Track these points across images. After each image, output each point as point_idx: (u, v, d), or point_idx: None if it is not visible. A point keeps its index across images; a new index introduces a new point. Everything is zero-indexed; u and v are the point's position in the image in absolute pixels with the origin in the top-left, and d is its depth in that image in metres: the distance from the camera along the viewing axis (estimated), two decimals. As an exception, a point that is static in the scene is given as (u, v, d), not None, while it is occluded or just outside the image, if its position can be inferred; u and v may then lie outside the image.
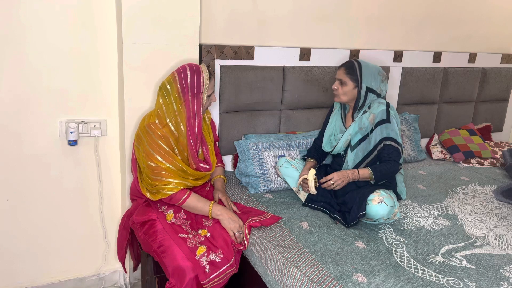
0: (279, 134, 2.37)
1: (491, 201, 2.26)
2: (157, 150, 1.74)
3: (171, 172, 1.75)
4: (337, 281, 1.46)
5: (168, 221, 1.77)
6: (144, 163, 1.76)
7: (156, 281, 1.94)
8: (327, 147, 2.13)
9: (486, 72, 3.20)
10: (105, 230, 2.23)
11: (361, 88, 1.99)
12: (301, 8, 2.37)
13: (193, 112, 1.77)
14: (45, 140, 2.00)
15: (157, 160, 1.73)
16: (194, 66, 1.79)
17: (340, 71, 2.04)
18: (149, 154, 1.74)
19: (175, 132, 1.78)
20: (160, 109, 1.77)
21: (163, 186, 1.74)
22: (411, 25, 2.78)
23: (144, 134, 1.77)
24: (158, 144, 1.74)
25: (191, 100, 1.76)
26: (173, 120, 1.76)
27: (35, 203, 2.05)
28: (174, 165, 1.76)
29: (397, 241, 1.77)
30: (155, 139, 1.74)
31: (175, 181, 1.75)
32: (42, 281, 2.16)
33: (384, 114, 1.96)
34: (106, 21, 1.96)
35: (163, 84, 1.78)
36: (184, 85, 1.75)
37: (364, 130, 1.99)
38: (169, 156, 1.75)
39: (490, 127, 3.30)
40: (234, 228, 1.76)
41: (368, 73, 1.99)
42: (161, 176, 1.73)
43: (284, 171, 2.11)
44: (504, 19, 3.22)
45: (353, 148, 2.00)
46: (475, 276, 1.55)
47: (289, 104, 2.43)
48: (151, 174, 1.74)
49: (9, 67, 1.85)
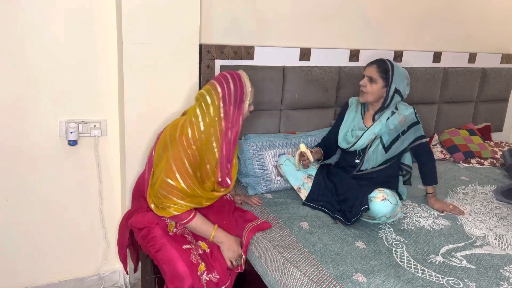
0: (279, 134, 2.37)
1: (491, 201, 2.26)
2: (179, 168, 1.63)
3: (184, 194, 1.66)
4: (337, 281, 1.46)
5: (170, 232, 1.72)
6: (160, 175, 1.66)
7: (156, 281, 1.94)
8: (344, 143, 2.13)
9: (486, 72, 3.20)
10: (105, 230, 2.23)
11: (390, 89, 2.00)
12: (301, 8, 2.37)
13: (232, 122, 1.68)
14: (45, 140, 2.00)
15: (175, 179, 1.63)
16: (235, 74, 1.72)
17: (372, 69, 2.01)
18: (169, 170, 1.64)
19: (204, 147, 1.68)
20: (196, 119, 1.67)
21: (170, 205, 1.65)
22: (411, 25, 2.78)
23: (173, 145, 1.66)
24: (182, 163, 1.64)
25: (232, 110, 1.67)
26: (207, 132, 1.66)
27: (35, 203, 2.05)
28: (191, 188, 1.66)
29: (397, 241, 1.77)
30: (182, 156, 1.64)
31: (184, 203, 1.66)
32: (42, 281, 2.16)
33: (414, 116, 2.07)
34: (106, 21, 1.96)
35: (201, 95, 1.69)
36: (226, 95, 1.65)
37: (395, 131, 2.03)
38: (189, 178, 1.65)
39: (490, 127, 3.30)
40: (232, 258, 1.73)
41: (398, 75, 2.01)
42: (172, 195, 1.64)
43: (285, 169, 2.11)
44: (504, 19, 3.22)
45: (387, 150, 2.04)
46: (475, 276, 1.55)
47: (289, 104, 2.44)
48: (162, 190, 1.65)
49: (9, 67, 1.85)
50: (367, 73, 2.02)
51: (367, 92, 2.02)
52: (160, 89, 1.96)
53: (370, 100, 2.04)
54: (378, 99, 2.04)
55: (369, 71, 2.02)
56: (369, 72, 2.01)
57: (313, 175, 2.09)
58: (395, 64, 2.04)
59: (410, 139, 2.07)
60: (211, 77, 2.17)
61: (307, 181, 2.07)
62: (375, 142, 2.03)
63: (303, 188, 2.07)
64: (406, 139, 2.06)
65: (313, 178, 2.08)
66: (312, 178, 2.08)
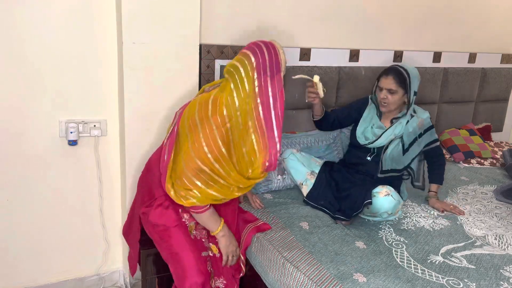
0: (279, 134, 2.37)
1: (491, 201, 2.26)
2: (212, 149, 1.47)
3: (212, 180, 1.50)
4: (337, 281, 1.46)
5: (191, 234, 1.66)
6: (187, 157, 1.48)
7: (156, 281, 1.94)
8: (362, 139, 2.15)
9: (486, 72, 3.20)
10: (105, 230, 2.23)
11: (411, 94, 2.05)
12: (301, 8, 2.37)
13: (273, 96, 1.47)
14: (45, 140, 2.00)
15: (207, 160, 1.46)
16: (268, 43, 1.54)
17: (389, 80, 2.03)
18: (199, 151, 1.46)
19: (240, 126, 1.49)
20: (230, 95, 1.48)
21: (195, 193, 1.49)
22: (411, 25, 2.78)
23: (203, 124, 1.48)
24: (215, 142, 1.46)
25: (270, 82, 1.47)
26: (242, 109, 1.48)
27: (35, 203, 2.05)
28: (225, 170, 1.50)
29: (397, 241, 1.77)
30: (216, 136, 1.47)
31: (209, 192, 1.50)
32: (42, 281, 2.16)
33: (429, 121, 2.16)
34: (106, 21, 1.96)
35: (233, 66, 1.51)
36: (261, 65, 1.47)
37: (413, 134, 2.10)
38: (223, 160, 1.49)
39: (490, 127, 3.30)
40: (231, 253, 1.68)
41: (414, 79, 2.05)
42: (199, 181, 1.48)
43: (289, 163, 2.12)
44: (504, 19, 3.22)
45: (405, 152, 2.09)
46: (475, 276, 1.55)
47: (289, 104, 2.43)
48: (189, 173, 1.47)
49: (9, 67, 1.85)
50: (386, 86, 2.04)
51: (389, 103, 2.06)
52: (160, 89, 1.96)
53: (392, 109, 2.09)
54: (400, 106, 2.10)
55: (387, 84, 2.04)
56: (388, 85, 2.03)
57: (317, 172, 2.10)
58: (408, 68, 2.06)
59: (425, 142, 2.14)
60: (211, 77, 2.17)
61: (310, 177, 2.09)
62: (394, 142, 2.08)
63: (305, 185, 2.08)
64: (422, 142, 2.13)
65: (316, 175, 2.09)
66: (315, 175, 2.09)
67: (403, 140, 2.09)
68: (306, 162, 2.13)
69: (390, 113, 2.13)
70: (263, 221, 1.85)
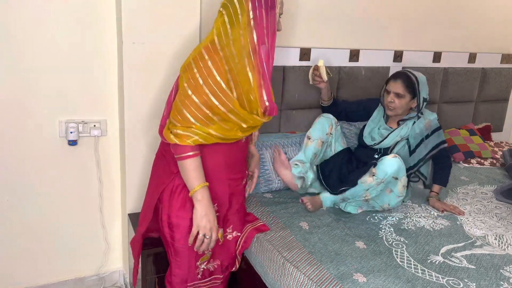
0: (279, 134, 2.37)
1: (491, 201, 2.26)
2: (206, 80, 1.41)
3: (208, 118, 1.43)
4: (337, 281, 1.46)
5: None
6: (183, 96, 1.42)
7: (156, 281, 1.94)
8: (368, 139, 2.18)
9: (486, 72, 3.20)
10: (105, 230, 2.23)
11: (420, 99, 2.07)
12: (301, 8, 2.37)
13: (267, 29, 1.43)
14: (45, 140, 2.00)
15: (205, 94, 1.40)
16: None
17: (397, 84, 2.06)
18: (197, 86, 1.41)
19: (236, 58, 1.43)
20: (223, 25, 1.43)
21: (195, 130, 1.41)
22: (411, 25, 2.78)
23: (196, 59, 1.44)
24: (210, 72, 1.41)
25: (265, 15, 1.42)
26: (237, 44, 1.43)
27: (35, 203, 2.05)
28: (225, 105, 1.42)
29: (397, 241, 1.77)
30: (211, 67, 1.41)
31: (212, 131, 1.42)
32: (42, 281, 2.16)
33: (437, 122, 2.16)
34: (106, 21, 1.96)
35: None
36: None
37: (420, 135, 2.12)
38: (220, 91, 1.41)
39: (490, 127, 3.30)
40: (201, 227, 1.47)
41: (422, 85, 2.08)
42: (194, 118, 1.41)
43: (321, 119, 2.21)
44: (504, 19, 3.22)
45: (411, 153, 2.12)
46: (475, 276, 1.55)
47: (289, 104, 2.43)
48: (185, 109, 1.41)
49: (9, 67, 1.85)
50: (393, 89, 2.07)
51: (395, 107, 2.08)
52: (160, 89, 1.96)
53: (399, 113, 2.12)
54: (406, 110, 2.11)
55: (395, 87, 2.06)
56: (395, 89, 2.06)
57: (315, 169, 2.19)
58: (417, 74, 2.09)
59: (433, 144, 2.14)
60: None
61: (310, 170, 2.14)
62: (401, 143, 2.11)
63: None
64: (429, 143, 2.13)
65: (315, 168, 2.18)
66: (314, 170, 2.18)
67: (409, 142, 2.11)
68: (333, 136, 2.21)
69: (396, 116, 2.15)
70: (262, 222, 1.85)
